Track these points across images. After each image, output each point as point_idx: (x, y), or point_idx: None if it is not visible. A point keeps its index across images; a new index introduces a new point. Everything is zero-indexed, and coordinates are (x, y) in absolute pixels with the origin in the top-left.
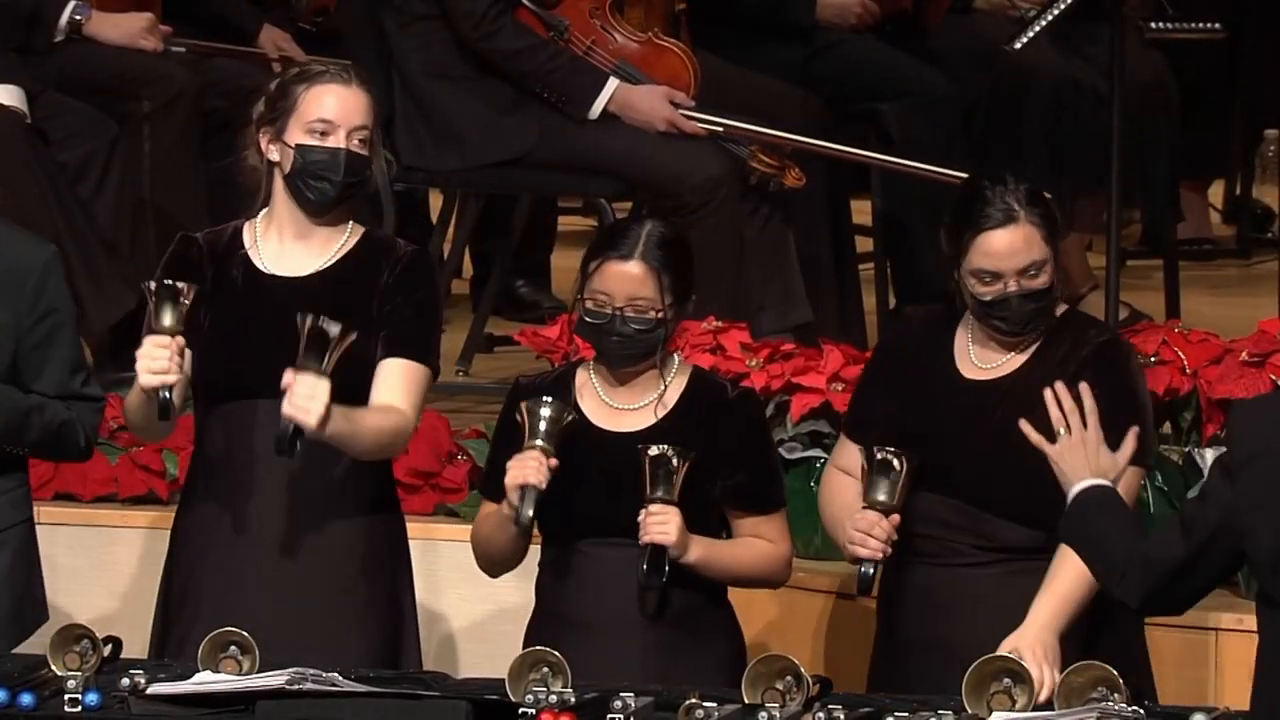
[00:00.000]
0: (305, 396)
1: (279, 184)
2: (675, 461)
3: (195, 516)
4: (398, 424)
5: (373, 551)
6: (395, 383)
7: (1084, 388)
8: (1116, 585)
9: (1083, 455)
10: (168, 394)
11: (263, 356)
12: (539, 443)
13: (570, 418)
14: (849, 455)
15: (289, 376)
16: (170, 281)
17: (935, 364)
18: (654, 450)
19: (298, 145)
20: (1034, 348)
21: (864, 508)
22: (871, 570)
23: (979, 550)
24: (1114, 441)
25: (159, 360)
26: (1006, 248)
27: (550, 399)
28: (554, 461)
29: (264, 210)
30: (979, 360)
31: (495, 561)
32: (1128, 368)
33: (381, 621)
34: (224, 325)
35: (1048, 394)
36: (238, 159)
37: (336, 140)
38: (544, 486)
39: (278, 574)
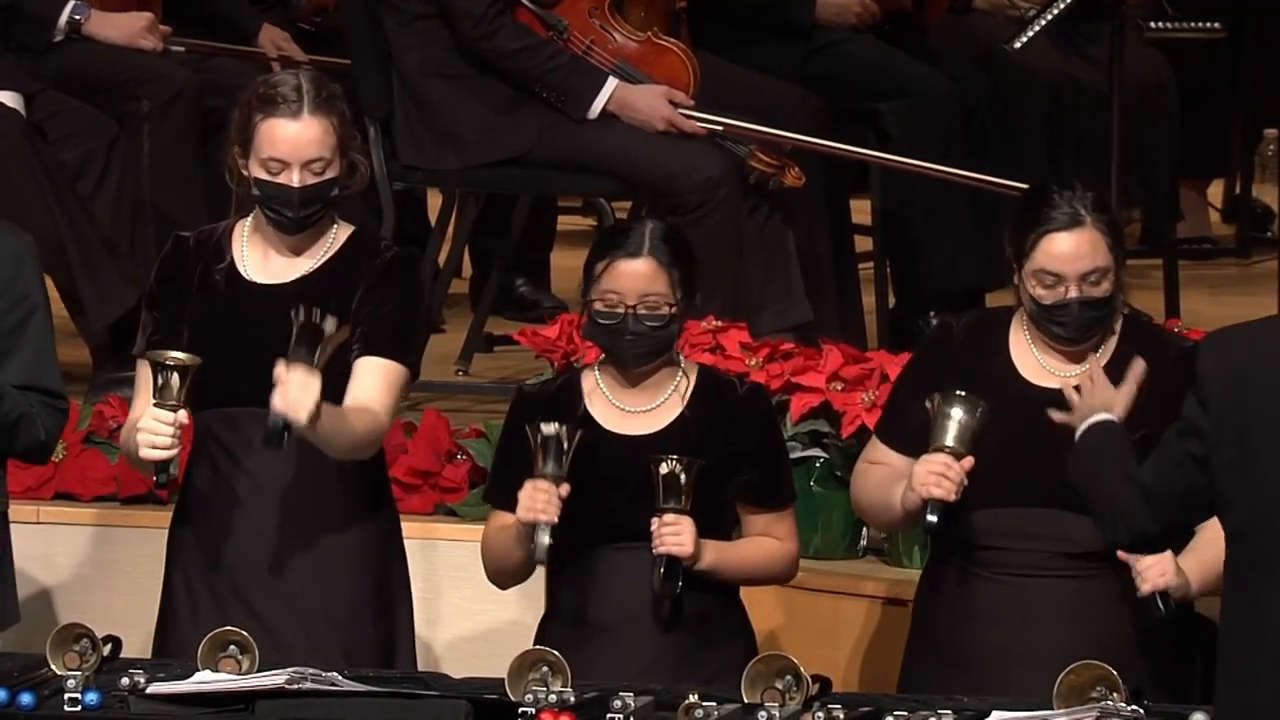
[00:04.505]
0: (297, 392)
1: None
2: (685, 474)
3: (187, 522)
4: (371, 427)
5: (365, 554)
6: (372, 382)
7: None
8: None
9: (1089, 399)
10: (165, 473)
11: (245, 364)
12: (549, 470)
13: (579, 435)
14: (881, 453)
15: (280, 370)
16: (174, 359)
17: (992, 371)
18: (664, 467)
19: (255, 178)
20: (1108, 354)
21: (931, 451)
22: (937, 516)
23: (1058, 558)
24: None
25: (161, 436)
26: (1071, 250)
27: (556, 422)
28: (565, 488)
29: (254, 212)
30: (1049, 367)
31: (507, 575)
32: None
33: (374, 626)
34: (207, 331)
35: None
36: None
37: (288, 178)
38: (555, 520)
39: (268, 579)
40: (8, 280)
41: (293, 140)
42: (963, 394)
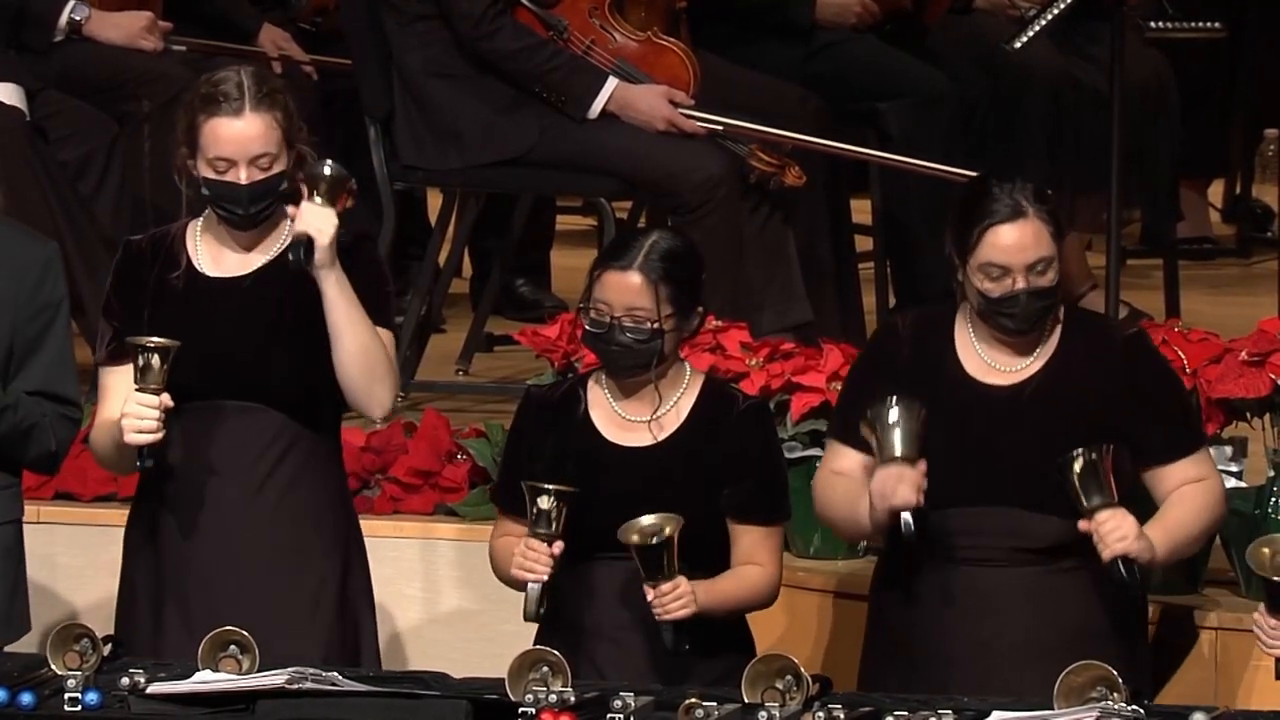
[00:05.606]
0: (317, 218)
1: None
2: (667, 541)
3: (147, 518)
4: (385, 351)
5: (317, 553)
6: None
7: None
8: None
9: None
10: (151, 457)
11: (204, 359)
12: (542, 531)
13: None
14: (841, 458)
15: (293, 208)
16: (155, 342)
17: (938, 368)
18: (639, 540)
19: (203, 178)
20: (1052, 347)
21: (882, 464)
22: (913, 521)
23: (1016, 553)
24: (1169, 429)
25: (146, 420)
26: (1016, 242)
27: (552, 493)
28: (558, 547)
29: (207, 210)
30: (994, 363)
31: (513, 586)
32: (1160, 355)
33: (333, 625)
34: (166, 329)
35: None
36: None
37: (235, 175)
38: (544, 578)
39: (227, 577)
40: (33, 290)
41: (236, 138)
42: (895, 401)
